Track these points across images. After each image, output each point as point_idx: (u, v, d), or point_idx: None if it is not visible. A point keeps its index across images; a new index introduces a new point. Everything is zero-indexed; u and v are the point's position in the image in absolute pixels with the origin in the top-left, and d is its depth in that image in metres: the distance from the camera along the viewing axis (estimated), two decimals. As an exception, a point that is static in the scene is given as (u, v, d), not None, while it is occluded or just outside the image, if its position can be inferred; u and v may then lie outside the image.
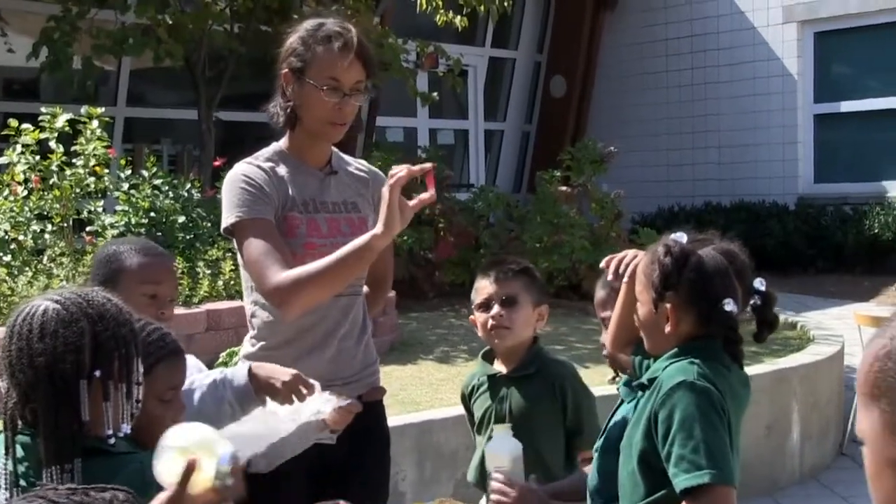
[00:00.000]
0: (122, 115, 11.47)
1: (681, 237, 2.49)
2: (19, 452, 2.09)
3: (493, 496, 2.81)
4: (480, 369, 3.42)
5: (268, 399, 2.77)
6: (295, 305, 2.94)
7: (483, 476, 3.15)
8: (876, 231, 12.12)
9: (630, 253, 2.72)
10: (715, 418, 2.33)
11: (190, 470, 1.91)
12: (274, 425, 2.68)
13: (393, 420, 5.43)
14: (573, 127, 14.16)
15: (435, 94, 10.49)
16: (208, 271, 6.90)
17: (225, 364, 3.67)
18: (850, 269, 12.28)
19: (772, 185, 13.25)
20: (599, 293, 3.08)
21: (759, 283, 2.50)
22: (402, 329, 8.16)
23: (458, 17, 9.80)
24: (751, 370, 6.74)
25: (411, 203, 2.80)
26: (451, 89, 10.58)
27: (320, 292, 2.94)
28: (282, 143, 3.19)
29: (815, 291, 11.50)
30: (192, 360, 3.09)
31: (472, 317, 3.37)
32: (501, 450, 2.93)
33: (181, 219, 7.31)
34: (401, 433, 5.32)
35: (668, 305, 2.44)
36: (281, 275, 2.90)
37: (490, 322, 3.28)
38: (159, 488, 2.25)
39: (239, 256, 3.10)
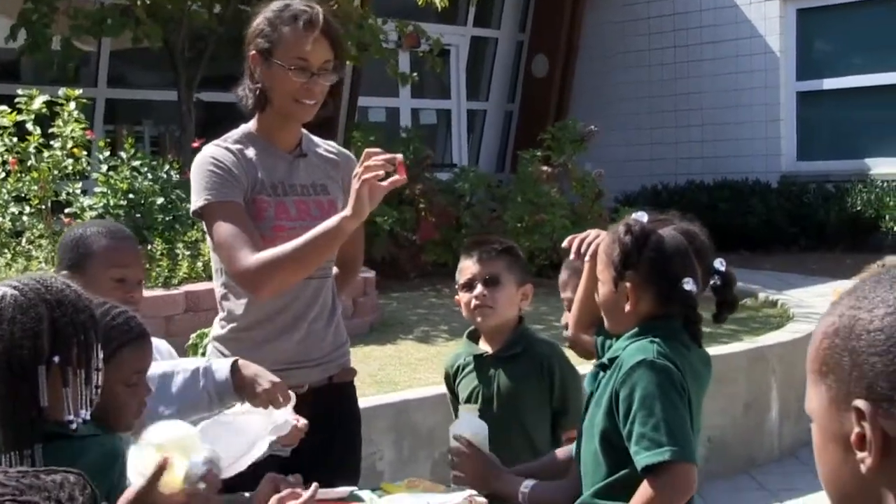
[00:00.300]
0: (102, 96, 11.42)
1: (641, 216, 2.51)
2: None
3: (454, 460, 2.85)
4: (466, 349, 3.40)
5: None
6: (265, 288, 2.95)
7: None
8: (858, 209, 12.14)
9: (592, 233, 2.74)
10: (675, 396, 2.35)
11: (161, 468, 1.91)
12: (244, 447, 2.68)
13: (370, 400, 5.49)
14: (556, 106, 14.13)
15: (415, 74, 10.46)
16: (187, 253, 6.90)
17: (195, 346, 3.67)
18: (833, 246, 12.31)
19: (754, 163, 13.25)
20: (562, 275, 3.10)
21: (720, 264, 2.52)
22: (383, 309, 8.17)
23: (439, -4, 9.77)
24: (728, 348, 6.81)
25: (383, 184, 2.80)
26: (430, 69, 10.55)
27: (291, 275, 2.94)
28: (251, 125, 3.19)
29: (797, 269, 11.53)
30: (163, 345, 3.10)
31: (456, 297, 3.37)
32: (466, 430, 2.95)
33: (160, 200, 7.31)
34: (378, 413, 5.34)
35: (627, 284, 2.46)
36: (251, 258, 2.90)
37: (473, 302, 3.26)
38: (121, 471, 2.26)
39: (209, 239, 3.10)
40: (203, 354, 3.45)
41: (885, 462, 1.20)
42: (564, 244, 2.80)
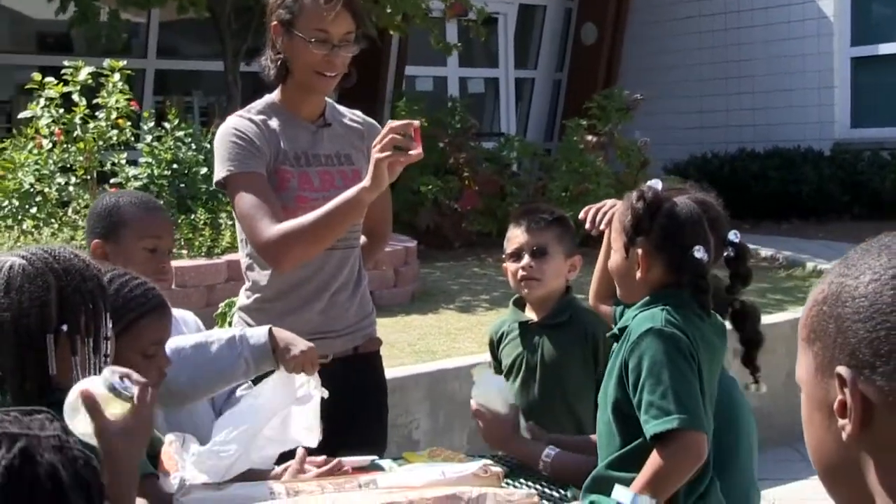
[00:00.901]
0: (152, 67, 11.52)
1: (656, 184, 2.50)
2: None
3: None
4: (511, 316, 3.35)
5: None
6: (286, 260, 2.96)
7: None
8: (914, 177, 11.95)
9: (609, 202, 2.72)
10: (683, 364, 2.34)
11: (89, 399, 1.88)
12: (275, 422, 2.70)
13: (407, 369, 5.53)
14: (604, 74, 14.00)
15: (459, 44, 10.40)
16: (230, 222, 6.94)
17: (224, 315, 3.70)
18: (887, 215, 12.09)
19: (807, 131, 13.05)
20: None
21: (734, 235, 2.51)
22: (426, 279, 8.19)
23: (484, -36, 9.72)
24: (771, 318, 6.75)
25: (401, 158, 2.80)
26: (475, 37, 10.48)
27: (310, 246, 2.95)
28: (274, 96, 3.20)
29: (850, 238, 11.34)
30: (189, 317, 3.13)
31: (504, 265, 3.32)
32: (487, 390, 2.97)
33: (203, 170, 7.35)
34: (415, 382, 5.38)
35: (639, 251, 2.45)
36: (271, 229, 2.92)
37: (520, 273, 3.21)
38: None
39: (232, 210, 3.13)
40: (230, 324, 3.48)
41: (865, 430, 1.19)
42: (581, 215, 2.78)
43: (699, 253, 2.40)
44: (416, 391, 5.34)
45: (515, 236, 3.27)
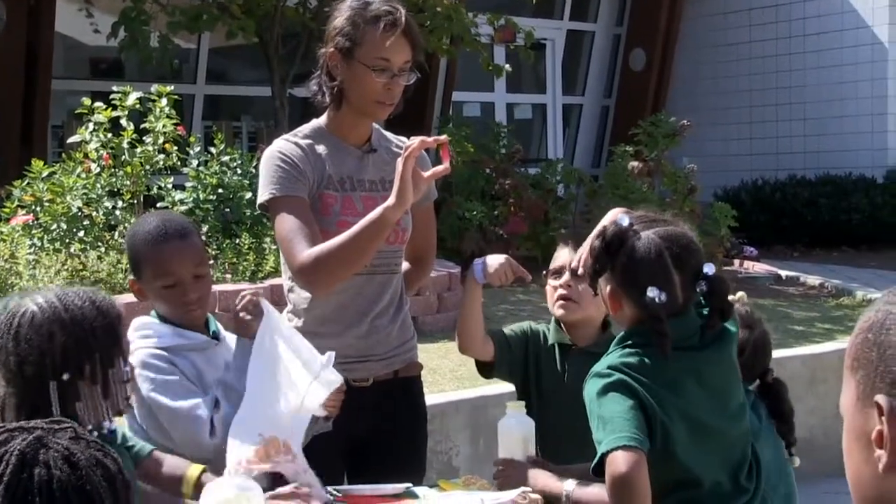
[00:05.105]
0: (202, 92, 11.63)
1: (623, 220, 2.45)
2: None
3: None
4: (554, 335, 3.20)
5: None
6: (319, 284, 2.96)
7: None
8: (971, 205, 11.77)
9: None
10: (613, 395, 2.36)
11: None
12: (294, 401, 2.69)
13: (448, 395, 5.50)
14: (653, 101, 13.94)
15: (508, 66, 10.40)
16: (274, 247, 6.96)
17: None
18: (943, 243, 11.96)
19: (859, 158, 12.91)
20: None
21: (708, 269, 2.47)
22: (470, 304, 8.13)
23: (532, -10, 9.71)
24: (820, 347, 6.67)
25: (426, 174, 2.81)
26: (523, 60, 10.46)
27: (341, 269, 2.93)
28: (321, 121, 3.21)
29: (903, 267, 11.21)
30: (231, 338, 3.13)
31: (545, 285, 3.21)
32: (515, 428, 2.93)
33: (248, 195, 7.37)
34: (455, 409, 5.35)
35: (608, 288, 2.46)
36: (305, 253, 2.92)
37: (559, 292, 3.12)
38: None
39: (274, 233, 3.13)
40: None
41: None
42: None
43: (652, 292, 2.37)
44: (457, 418, 5.31)
45: (561, 255, 3.18)
